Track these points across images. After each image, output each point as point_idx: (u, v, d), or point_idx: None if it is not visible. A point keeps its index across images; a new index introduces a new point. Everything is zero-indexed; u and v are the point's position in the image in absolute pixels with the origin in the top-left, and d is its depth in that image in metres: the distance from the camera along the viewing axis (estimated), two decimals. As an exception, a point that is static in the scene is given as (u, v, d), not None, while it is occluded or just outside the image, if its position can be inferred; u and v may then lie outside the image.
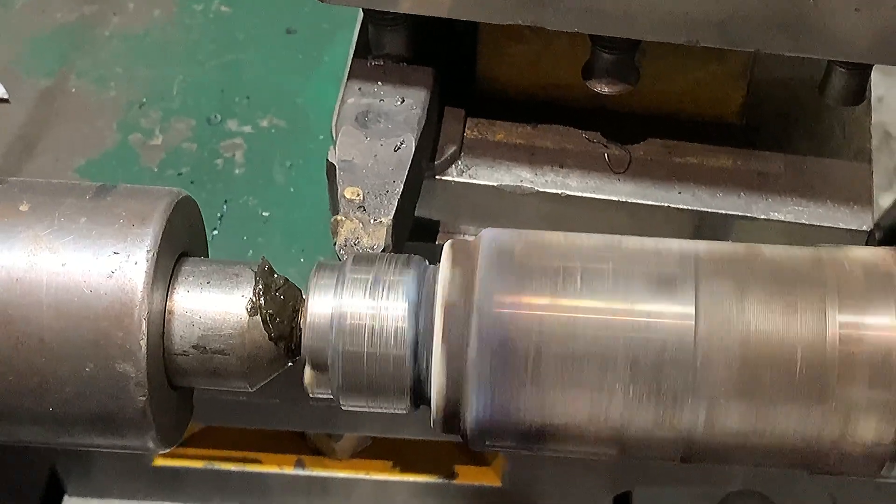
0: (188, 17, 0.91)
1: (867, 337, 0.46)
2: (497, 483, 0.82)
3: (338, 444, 0.85)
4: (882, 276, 0.48)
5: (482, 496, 0.84)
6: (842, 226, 0.63)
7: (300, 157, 0.82)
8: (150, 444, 0.50)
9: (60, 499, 0.90)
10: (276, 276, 0.52)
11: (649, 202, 0.65)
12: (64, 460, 0.87)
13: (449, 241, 0.50)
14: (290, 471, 0.85)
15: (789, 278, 0.48)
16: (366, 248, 0.57)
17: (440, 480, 0.83)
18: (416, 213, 0.67)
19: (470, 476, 0.83)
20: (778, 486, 0.86)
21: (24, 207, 0.50)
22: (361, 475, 0.85)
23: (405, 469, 0.84)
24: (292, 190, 0.80)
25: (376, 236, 0.57)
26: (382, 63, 0.64)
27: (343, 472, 0.85)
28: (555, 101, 0.68)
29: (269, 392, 0.61)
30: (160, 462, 0.85)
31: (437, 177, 0.66)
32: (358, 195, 0.58)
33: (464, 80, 0.69)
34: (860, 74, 0.60)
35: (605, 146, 0.67)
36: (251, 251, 0.76)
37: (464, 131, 0.67)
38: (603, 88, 0.62)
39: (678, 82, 0.67)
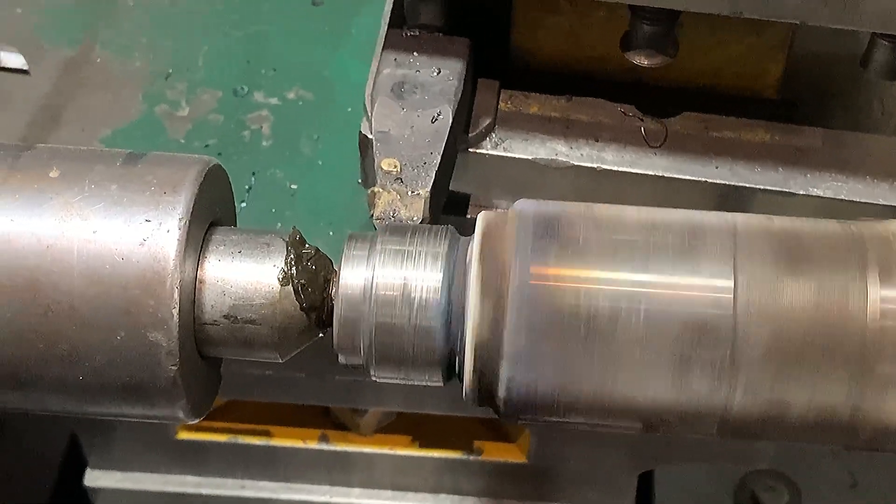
0: None
1: None
2: (522, 459, 0.83)
3: (362, 420, 0.85)
4: None
5: (507, 472, 0.84)
6: (882, 202, 0.63)
7: (327, 130, 0.82)
8: (180, 414, 0.51)
9: (82, 471, 0.91)
10: (307, 245, 0.52)
11: (686, 176, 0.65)
12: (86, 433, 0.88)
13: (482, 212, 0.50)
14: (313, 445, 0.86)
15: (828, 252, 0.48)
16: (403, 219, 0.57)
17: (465, 457, 0.84)
18: (454, 186, 0.67)
19: (495, 452, 0.83)
20: (799, 464, 0.86)
21: (53, 174, 0.50)
22: (385, 450, 0.85)
23: (429, 445, 0.85)
24: (320, 162, 0.81)
25: (414, 208, 0.57)
26: (418, 33, 0.64)
27: (367, 447, 0.85)
28: (590, 74, 0.68)
29: (294, 366, 0.61)
30: (183, 435, 0.86)
31: (470, 149, 0.66)
32: (395, 167, 0.58)
33: (498, 52, 0.68)
34: None
35: (641, 120, 0.66)
36: (279, 223, 0.76)
37: (497, 104, 0.66)
38: (642, 61, 0.62)
39: (716, 55, 0.66)
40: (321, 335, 0.51)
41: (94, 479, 0.89)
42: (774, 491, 0.89)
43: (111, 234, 0.48)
